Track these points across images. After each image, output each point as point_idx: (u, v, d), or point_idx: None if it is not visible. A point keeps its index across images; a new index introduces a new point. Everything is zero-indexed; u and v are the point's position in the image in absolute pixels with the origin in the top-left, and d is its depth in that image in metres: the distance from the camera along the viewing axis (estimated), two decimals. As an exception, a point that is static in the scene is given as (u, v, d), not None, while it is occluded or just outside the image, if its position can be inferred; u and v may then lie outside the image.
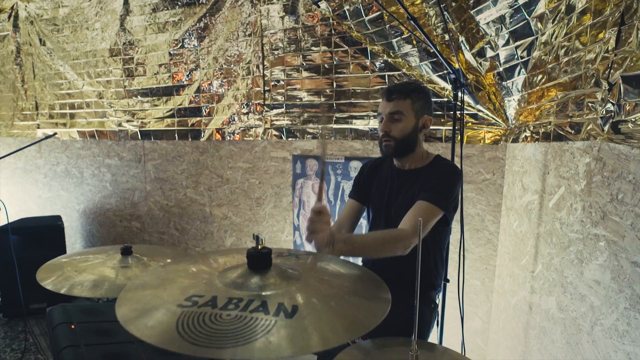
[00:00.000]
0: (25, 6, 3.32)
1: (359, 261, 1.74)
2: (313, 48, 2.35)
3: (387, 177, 1.62)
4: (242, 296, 0.67)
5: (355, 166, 2.33)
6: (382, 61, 2.18)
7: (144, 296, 0.73)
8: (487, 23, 1.77)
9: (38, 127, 3.49)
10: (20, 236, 3.10)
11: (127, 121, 2.99)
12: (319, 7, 1.43)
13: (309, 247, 1.27)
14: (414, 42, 1.99)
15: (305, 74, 2.39)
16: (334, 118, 2.33)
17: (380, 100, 1.79)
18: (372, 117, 2.25)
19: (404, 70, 2.14)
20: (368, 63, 2.22)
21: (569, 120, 1.29)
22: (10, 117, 3.63)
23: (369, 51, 2.20)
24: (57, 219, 3.27)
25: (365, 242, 1.35)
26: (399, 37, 2.00)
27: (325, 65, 2.32)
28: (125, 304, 0.70)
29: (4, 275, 3.08)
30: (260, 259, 0.75)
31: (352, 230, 1.70)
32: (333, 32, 2.27)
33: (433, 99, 2.09)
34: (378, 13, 1.99)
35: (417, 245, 0.83)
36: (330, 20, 2.25)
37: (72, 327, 0.92)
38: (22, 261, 3.01)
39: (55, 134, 3.14)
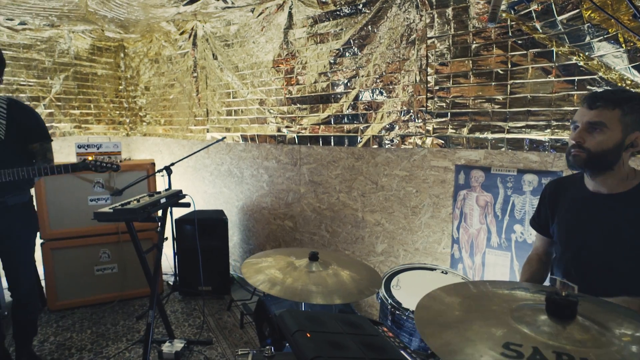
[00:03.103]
0: (203, 26, 3.79)
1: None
2: (484, 53, 2.21)
3: (576, 202, 1.42)
4: (570, 351, 0.62)
5: (530, 179, 2.13)
6: (570, 64, 1.95)
7: (444, 333, 0.71)
8: None
9: (207, 132, 3.96)
10: (193, 226, 3.55)
11: (286, 127, 3.21)
12: (516, 10, 1.32)
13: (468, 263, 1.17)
14: (622, 42, 1.72)
15: (473, 80, 2.26)
16: (507, 128, 2.16)
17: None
18: (553, 127, 2.03)
19: (599, 73, 1.88)
20: (552, 67, 2.00)
21: None
22: (186, 122, 4.19)
23: (554, 53, 1.98)
24: (221, 213, 3.69)
25: None
26: (602, 37, 1.75)
27: (499, 70, 2.16)
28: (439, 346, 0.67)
29: (182, 259, 3.57)
30: (566, 308, 0.70)
31: (546, 269, 1.55)
32: (510, 34, 2.10)
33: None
34: (575, 11, 1.77)
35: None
36: (509, 22, 2.08)
37: (308, 335, 0.98)
38: (194, 248, 3.46)
39: (224, 138, 3.53)
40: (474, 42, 2.23)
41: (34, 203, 2.50)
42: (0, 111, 2.17)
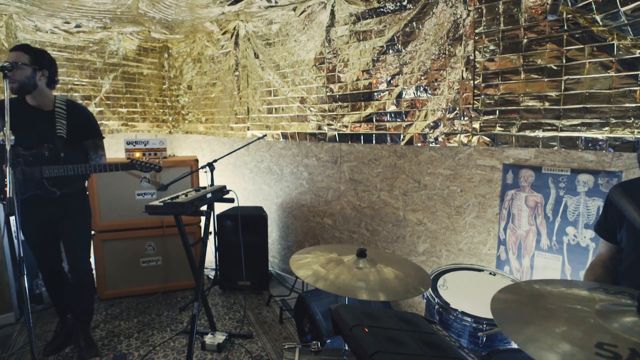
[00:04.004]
0: (245, 26, 3.86)
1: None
2: (536, 48, 2.13)
3: None
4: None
5: (585, 180, 2.04)
6: (632, 58, 1.85)
7: (528, 330, 0.69)
8: None
9: (248, 129, 4.03)
10: (234, 222, 3.62)
11: (327, 124, 3.22)
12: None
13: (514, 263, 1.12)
14: (693, 34, 1.62)
15: (524, 76, 2.18)
16: (560, 126, 2.07)
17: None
18: (612, 124, 1.93)
19: (665, 68, 1.77)
20: (612, 61, 1.91)
21: None
22: (227, 120, 4.29)
23: (615, 47, 1.89)
24: (261, 210, 3.75)
25: None
26: (670, 29, 1.65)
27: (552, 66, 2.08)
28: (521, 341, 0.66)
29: (222, 254, 3.65)
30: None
31: (611, 275, 1.47)
32: (565, 28, 2.01)
33: None
34: (641, 2, 1.68)
35: None
36: (565, 15, 2.00)
37: (366, 330, 0.98)
38: (234, 243, 3.54)
39: (265, 135, 3.59)
40: (526, 37, 2.16)
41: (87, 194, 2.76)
42: (61, 112, 2.42)
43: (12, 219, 2.98)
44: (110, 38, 4.42)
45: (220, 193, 2.68)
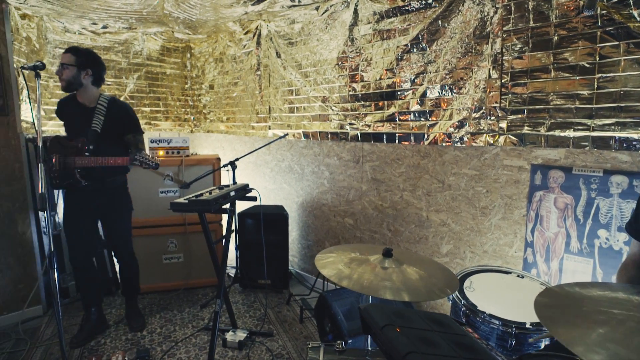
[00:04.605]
0: (267, 25, 3.88)
1: None
2: (567, 45, 2.07)
3: None
4: None
5: (618, 181, 1.97)
6: (671, 55, 1.78)
7: (574, 331, 0.67)
8: None
9: (269, 128, 4.05)
10: (255, 221, 3.64)
11: (349, 124, 3.20)
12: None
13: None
14: None
15: (554, 74, 2.13)
16: (592, 125, 2.01)
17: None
18: (648, 124, 1.86)
19: None
20: (649, 58, 1.84)
21: None
22: (248, 119, 4.32)
23: (653, 44, 1.82)
24: (281, 209, 3.76)
25: None
26: None
27: (585, 64, 2.02)
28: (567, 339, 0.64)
29: (243, 252, 3.67)
30: None
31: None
32: (599, 24, 1.95)
33: None
34: (682, -3, 1.62)
35: None
36: (599, 11, 1.94)
37: (397, 330, 0.97)
38: (254, 242, 3.55)
39: (286, 135, 3.60)
40: (556, 34, 2.10)
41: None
42: (101, 109, 2.62)
43: (41, 214, 3.10)
44: (134, 38, 4.50)
45: (243, 191, 2.69)
